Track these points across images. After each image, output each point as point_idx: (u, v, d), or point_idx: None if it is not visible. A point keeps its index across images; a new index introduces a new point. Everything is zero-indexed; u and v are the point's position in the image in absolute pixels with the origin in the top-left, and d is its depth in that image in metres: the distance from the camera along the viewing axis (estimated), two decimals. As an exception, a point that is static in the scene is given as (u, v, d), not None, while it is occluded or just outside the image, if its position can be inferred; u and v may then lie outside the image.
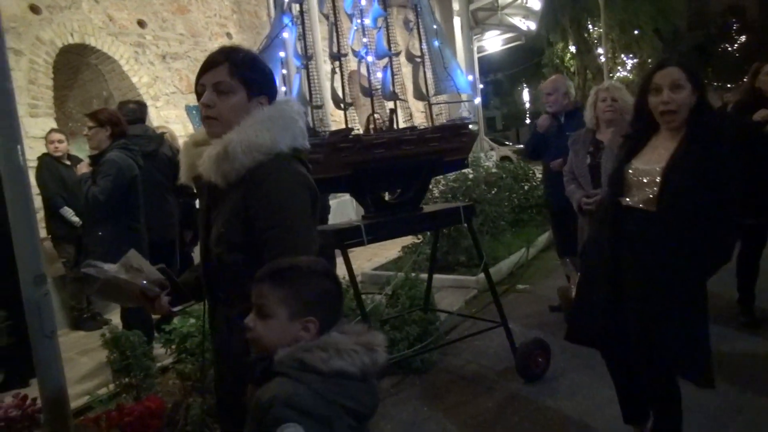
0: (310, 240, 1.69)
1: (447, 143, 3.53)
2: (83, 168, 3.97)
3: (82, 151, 6.36)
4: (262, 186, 1.61)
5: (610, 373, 2.60)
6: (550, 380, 3.49)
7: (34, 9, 6.05)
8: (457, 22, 11.32)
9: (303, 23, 3.07)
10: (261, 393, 1.33)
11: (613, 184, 2.40)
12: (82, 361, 4.43)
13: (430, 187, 6.29)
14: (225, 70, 1.64)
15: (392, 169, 3.37)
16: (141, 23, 7.30)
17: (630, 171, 2.33)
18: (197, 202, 3.83)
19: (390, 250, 6.90)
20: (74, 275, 5.01)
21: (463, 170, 6.55)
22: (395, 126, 3.53)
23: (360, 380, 1.35)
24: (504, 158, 13.30)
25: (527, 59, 23.19)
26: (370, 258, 6.91)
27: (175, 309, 1.94)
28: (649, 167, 2.28)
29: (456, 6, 11.44)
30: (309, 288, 1.40)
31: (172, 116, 7.43)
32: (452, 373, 3.78)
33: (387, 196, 3.75)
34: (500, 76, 28.59)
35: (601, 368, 2.67)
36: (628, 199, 2.32)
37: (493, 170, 7.31)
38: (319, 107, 3.12)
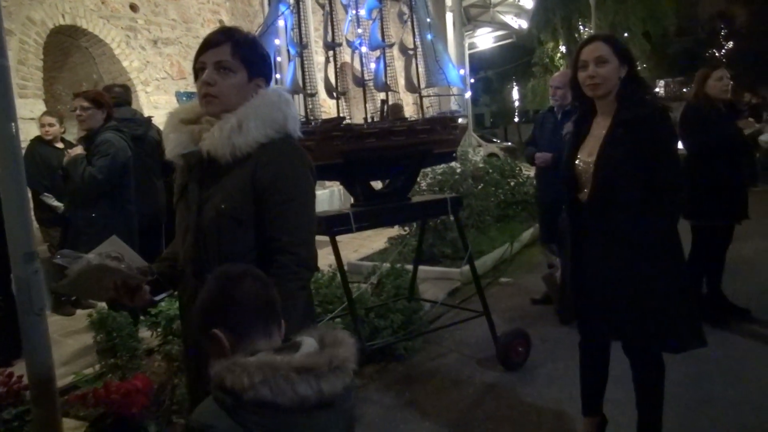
0: (315, 218, 1.76)
1: (437, 135, 3.59)
2: (77, 151, 3.95)
3: (70, 134, 6.33)
4: (276, 162, 1.64)
5: (581, 360, 2.69)
6: (530, 369, 3.58)
7: (26, -12, 6.00)
8: (449, 17, 11.37)
9: (299, 11, 3.11)
10: (193, 413, 1.24)
11: (567, 179, 2.44)
12: (67, 343, 4.43)
13: (418, 179, 6.37)
14: (227, 49, 1.66)
15: (382, 159, 3.42)
16: (133, 7, 7.26)
17: (577, 165, 2.38)
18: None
19: (376, 241, 6.96)
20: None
21: (451, 164, 6.62)
22: (386, 117, 3.58)
23: (299, 412, 1.15)
24: (491, 155, 13.38)
25: (518, 57, 23.30)
26: (356, 249, 6.96)
27: (157, 298, 1.89)
28: (590, 159, 2.33)
29: (449, 2, 11.48)
30: (205, 297, 1.32)
31: (162, 102, 7.41)
32: (434, 360, 3.85)
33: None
34: (490, 74, 28.68)
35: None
36: (580, 195, 2.38)
37: (480, 165, 7.39)
38: (313, 95, 3.16)
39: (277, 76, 3.12)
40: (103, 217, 3.75)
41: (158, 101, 7.37)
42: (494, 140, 21.78)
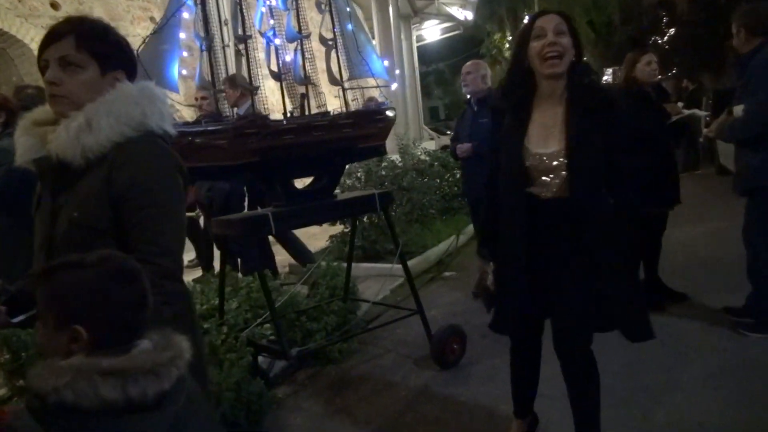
0: (183, 225, 1.59)
1: (361, 129, 3.45)
2: None
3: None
4: (133, 163, 1.48)
5: (512, 365, 2.59)
6: (466, 367, 3.48)
7: (-69, -13, 5.63)
8: (392, 10, 11.26)
9: (204, 2, 2.92)
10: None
11: (516, 174, 2.19)
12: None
13: (358, 175, 6.24)
14: (71, 42, 1.49)
15: (303, 156, 3.27)
16: (54, 5, 6.91)
17: (530, 158, 2.14)
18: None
19: (320, 240, 6.78)
20: None
21: (393, 158, 6.51)
22: (307, 111, 3.43)
23: (108, 416, 1.10)
24: (445, 147, 13.36)
25: (467, 49, 23.37)
26: (300, 248, 6.78)
27: (16, 320, 1.77)
28: (548, 151, 2.11)
29: (391, -6, 11.39)
30: (82, 290, 1.17)
31: (90, 103, 7.09)
32: (370, 362, 3.73)
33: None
34: (442, 66, 28.72)
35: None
36: (537, 189, 2.16)
37: (422, 157, 7.29)
38: (221, 91, 2.98)
39: (184, 72, 2.93)
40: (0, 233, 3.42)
41: (86, 103, 7.05)
42: (448, 132, 21.81)
